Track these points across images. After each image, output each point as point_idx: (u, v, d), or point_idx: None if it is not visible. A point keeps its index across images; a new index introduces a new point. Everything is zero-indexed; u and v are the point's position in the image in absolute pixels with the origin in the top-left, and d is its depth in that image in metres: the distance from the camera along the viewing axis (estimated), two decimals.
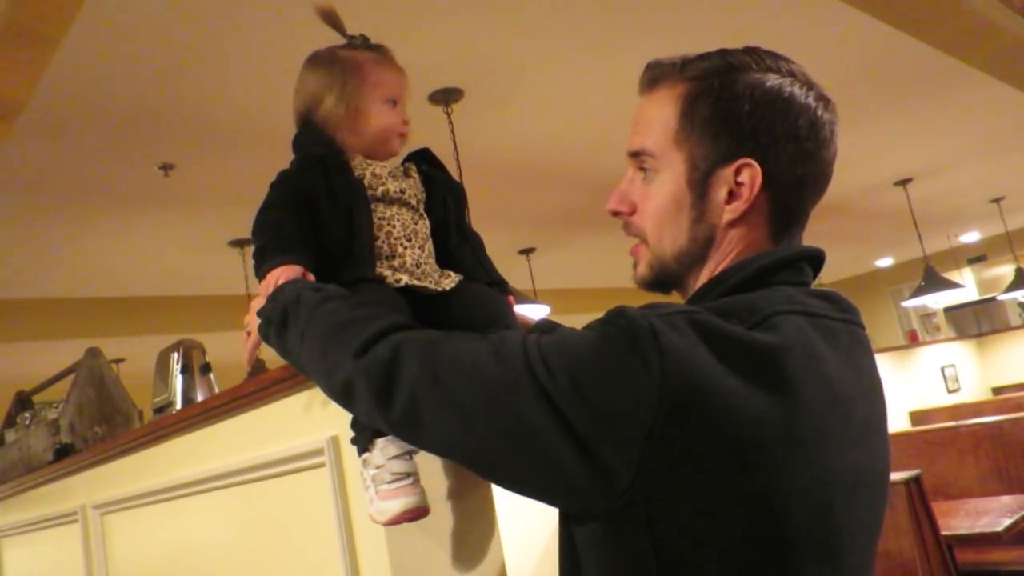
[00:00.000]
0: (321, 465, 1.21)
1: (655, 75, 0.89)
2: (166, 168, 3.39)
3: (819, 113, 0.84)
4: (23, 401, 2.98)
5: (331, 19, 1.15)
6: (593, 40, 3.03)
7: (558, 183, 4.67)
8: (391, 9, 2.61)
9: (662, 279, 0.92)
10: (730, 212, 0.85)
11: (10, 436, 2.86)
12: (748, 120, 0.82)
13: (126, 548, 2.02)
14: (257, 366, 4.53)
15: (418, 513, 0.99)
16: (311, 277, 1.03)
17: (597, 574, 0.77)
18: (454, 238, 1.21)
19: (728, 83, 0.83)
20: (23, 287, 4.83)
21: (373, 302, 0.96)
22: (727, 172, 0.84)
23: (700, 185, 0.85)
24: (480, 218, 3.22)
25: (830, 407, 0.75)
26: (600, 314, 0.77)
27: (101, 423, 2.37)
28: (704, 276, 0.88)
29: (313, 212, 1.09)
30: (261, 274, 1.04)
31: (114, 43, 2.60)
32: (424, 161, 1.22)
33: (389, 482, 1.00)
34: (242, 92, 3.00)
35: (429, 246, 1.15)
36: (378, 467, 1.00)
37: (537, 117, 3.65)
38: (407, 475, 0.99)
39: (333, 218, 1.08)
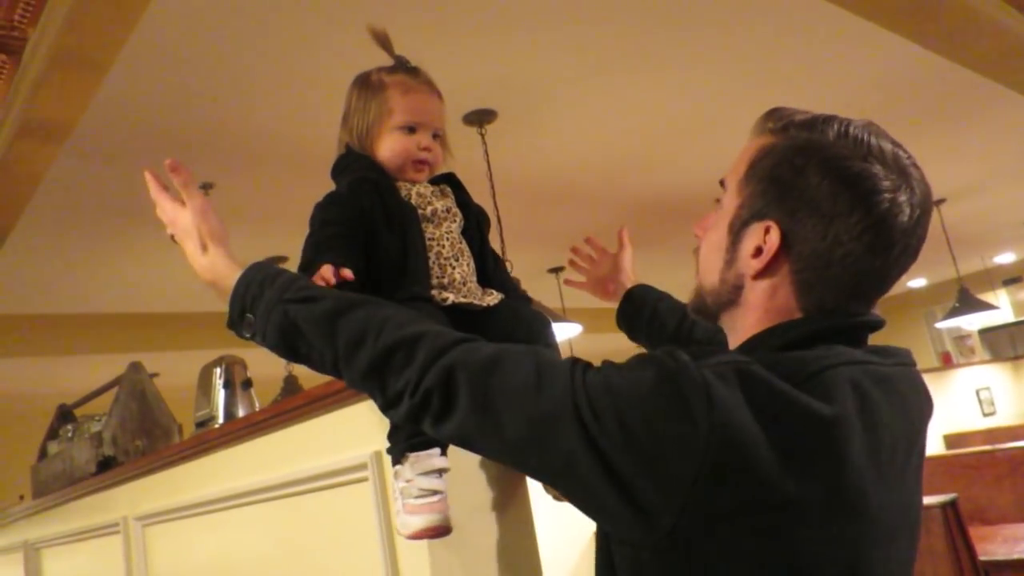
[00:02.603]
0: (364, 480, 1.23)
1: (760, 122, 0.91)
2: (206, 187, 3.47)
3: (894, 216, 0.82)
4: (65, 414, 3.05)
5: (381, 40, 1.19)
6: (626, 61, 3.07)
7: (588, 202, 4.70)
8: (425, 30, 2.67)
9: (700, 309, 0.96)
10: (751, 267, 0.87)
11: (53, 448, 2.92)
12: (789, 188, 0.84)
13: (167, 560, 2.06)
14: (290, 382, 4.56)
15: (438, 531, 1.01)
16: (346, 272, 1.01)
17: None
18: (490, 259, 1.23)
19: (796, 149, 0.85)
20: (64, 303, 4.94)
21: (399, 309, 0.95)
22: (759, 228, 0.86)
23: (736, 232, 0.89)
24: (511, 237, 3.25)
25: (875, 460, 0.77)
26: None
27: (142, 436, 2.42)
28: (738, 323, 0.91)
29: (371, 234, 1.10)
30: (306, 263, 1.03)
31: (158, 69, 2.68)
32: (450, 184, 1.23)
33: (416, 497, 1.02)
34: (280, 114, 3.08)
35: (472, 264, 1.17)
36: (407, 481, 1.03)
37: (569, 138, 3.68)
38: (434, 492, 1.02)
39: (388, 240, 1.10)
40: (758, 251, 0.86)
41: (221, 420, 1.99)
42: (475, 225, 1.22)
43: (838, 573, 0.74)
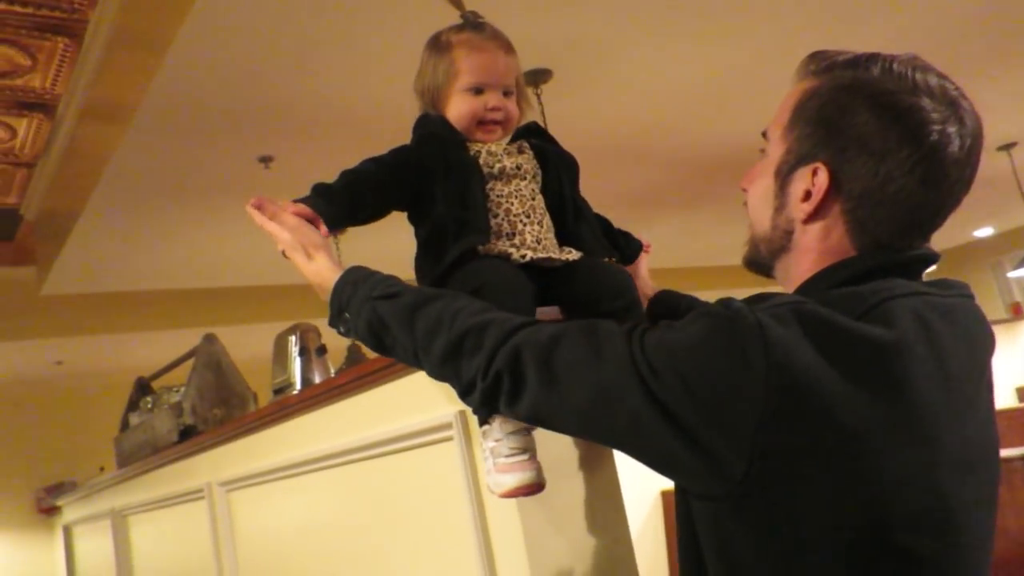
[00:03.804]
0: (449, 439, 1.25)
1: (801, 67, 0.90)
2: (266, 160, 3.52)
3: (944, 147, 0.80)
4: (143, 387, 3.16)
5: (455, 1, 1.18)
6: (681, 21, 3.00)
7: (645, 163, 4.64)
8: None
9: (756, 260, 0.96)
10: (801, 211, 0.87)
11: (134, 420, 3.03)
12: (837, 128, 0.83)
13: (252, 523, 2.12)
14: (353, 351, 4.66)
15: (532, 489, 1.01)
16: (323, 227, 1.06)
17: (714, 550, 0.80)
18: (570, 214, 1.21)
19: (841, 88, 0.84)
20: (135, 280, 5.09)
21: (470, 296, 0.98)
22: (806, 171, 0.86)
23: (784, 177, 0.89)
24: None
25: (943, 388, 0.76)
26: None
27: (220, 405, 2.49)
28: (792, 269, 0.90)
29: (426, 185, 1.12)
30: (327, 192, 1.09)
31: (216, 45, 2.71)
32: (534, 135, 1.23)
33: (506, 456, 1.02)
34: (335, 85, 3.09)
35: (548, 220, 1.16)
36: (496, 440, 1.03)
37: (625, 97, 3.63)
38: (524, 450, 1.02)
39: (445, 194, 1.11)
40: (807, 194, 0.86)
41: (298, 386, 2.04)
42: (555, 178, 1.20)
43: (919, 501, 0.74)
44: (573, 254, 1.16)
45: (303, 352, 1.99)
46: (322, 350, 2.03)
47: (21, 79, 3.49)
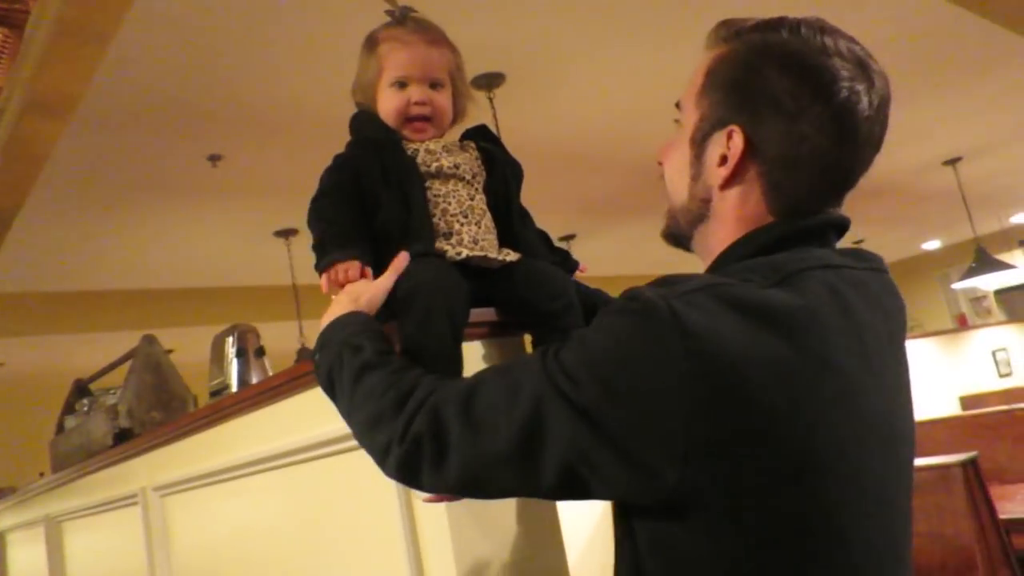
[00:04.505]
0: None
1: (711, 35, 0.90)
2: (214, 159, 3.46)
3: (855, 104, 0.80)
4: (81, 389, 3.06)
5: None
6: (637, 27, 3.01)
7: (599, 169, 4.65)
8: None
9: (674, 233, 0.95)
10: (718, 176, 0.86)
11: (70, 423, 2.94)
12: (749, 90, 0.83)
13: (187, 529, 2.07)
14: (303, 354, 4.57)
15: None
16: (368, 272, 1.04)
17: (654, 552, 0.76)
18: (516, 216, 1.20)
19: (751, 52, 0.84)
20: (76, 280, 4.96)
21: (410, 364, 0.93)
22: (721, 135, 0.85)
23: (699, 145, 0.88)
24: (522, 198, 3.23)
25: (862, 361, 0.76)
26: None
27: (158, 408, 2.42)
28: (710, 239, 0.89)
29: (367, 195, 1.09)
30: (320, 269, 1.05)
31: (163, 37, 2.65)
32: (482, 138, 1.21)
33: None
34: (287, 83, 3.04)
35: (487, 222, 1.14)
36: None
37: (579, 103, 3.63)
38: None
39: (388, 199, 1.09)
40: (723, 159, 0.85)
41: (235, 388, 1.99)
42: (501, 180, 1.19)
43: (855, 480, 0.73)
44: (512, 255, 1.14)
45: (241, 353, 1.94)
46: (260, 352, 1.98)
47: None
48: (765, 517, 0.70)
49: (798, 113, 0.80)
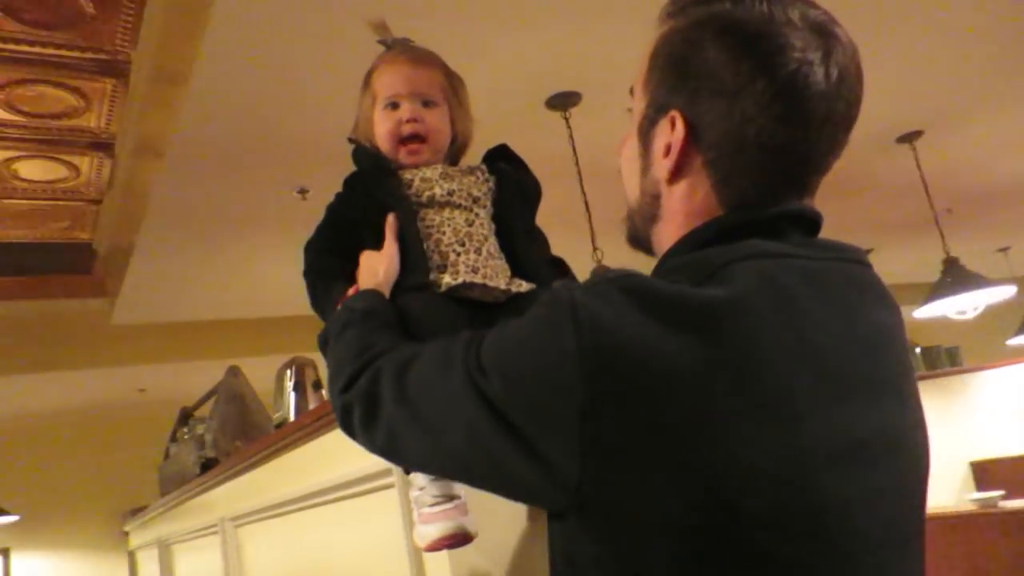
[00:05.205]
0: (391, 486, 1.18)
1: (660, 13, 0.80)
2: (303, 192, 3.55)
3: (805, 78, 0.69)
4: (184, 417, 3.21)
5: (378, 28, 1.14)
6: None
7: None
8: (507, 13, 2.59)
9: (634, 236, 0.85)
10: (664, 169, 0.76)
11: (173, 450, 3.08)
12: (687, 69, 0.73)
13: (257, 560, 2.10)
14: None
15: (456, 540, 0.93)
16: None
17: (568, 571, 0.69)
18: (520, 239, 1.12)
19: (691, 26, 0.74)
20: (198, 310, 5.24)
21: (390, 323, 0.93)
22: (665, 123, 0.75)
23: (646, 134, 0.78)
24: (601, 223, 3.12)
25: (806, 362, 0.64)
26: None
27: (241, 438, 2.49)
28: (663, 241, 0.79)
29: (358, 238, 1.07)
30: (324, 316, 1.04)
31: (233, 79, 2.74)
32: (500, 158, 1.15)
33: (430, 505, 0.95)
34: None
35: (490, 247, 1.07)
36: (420, 488, 0.96)
37: None
38: (449, 498, 0.94)
39: (375, 240, 1.05)
40: (668, 149, 0.75)
41: (292, 421, 2.01)
42: (505, 203, 1.12)
43: (778, 495, 0.61)
44: (524, 286, 1.07)
45: (297, 387, 1.96)
46: (317, 384, 1.99)
47: (76, 120, 3.64)
48: (669, 529, 0.61)
49: (738, 90, 0.70)
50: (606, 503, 0.62)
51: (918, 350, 4.93)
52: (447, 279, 1.01)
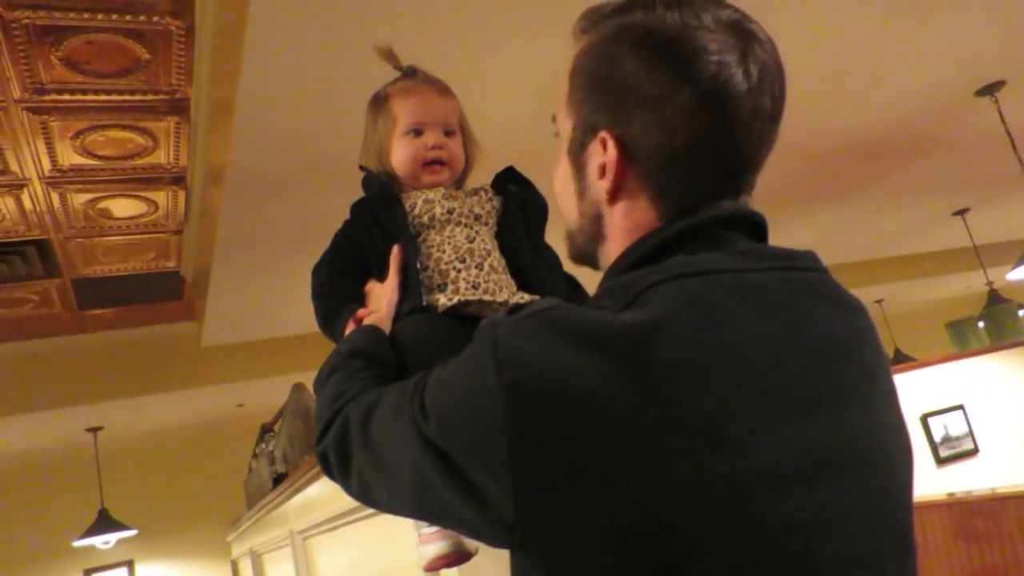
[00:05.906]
0: None
1: (573, 30, 0.79)
2: None
3: (727, 80, 0.69)
4: (263, 433, 3.35)
5: (385, 55, 1.18)
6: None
7: (786, 156, 4.35)
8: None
9: (578, 254, 0.85)
10: (603, 190, 0.75)
11: (253, 464, 3.22)
12: (609, 85, 0.72)
13: (328, 570, 2.17)
14: None
15: (452, 559, 0.95)
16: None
17: None
18: (527, 255, 1.14)
19: (606, 41, 0.73)
20: (260, 328, 5.43)
21: (377, 360, 0.96)
22: (596, 144, 0.75)
23: (577, 157, 0.78)
24: None
25: (736, 379, 0.62)
26: None
27: (309, 452, 2.57)
28: (610, 258, 0.78)
29: (365, 262, 1.11)
30: (334, 337, 1.08)
31: (279, 105, 2.84)
32: (508, 179, 1.18)
33: (428, 525, 0.97)
34: None
35: (492, 262, 1.10)
36: None
37: None
38: None
39: (382, 259, 1.09)
40: (603, 170, 0.74)
41: None
42: (509, 222, 1.15)
43: (715, 521, 0.59)
44: (526, 298, 1.09)
45: None
46: None
47: (148, 158, 3.84)
48: (607, 568, 0.60)
49: (661, 101, 0.70)
50: (541, 541, 0.62)
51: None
52: (443, 300, 1.04)
